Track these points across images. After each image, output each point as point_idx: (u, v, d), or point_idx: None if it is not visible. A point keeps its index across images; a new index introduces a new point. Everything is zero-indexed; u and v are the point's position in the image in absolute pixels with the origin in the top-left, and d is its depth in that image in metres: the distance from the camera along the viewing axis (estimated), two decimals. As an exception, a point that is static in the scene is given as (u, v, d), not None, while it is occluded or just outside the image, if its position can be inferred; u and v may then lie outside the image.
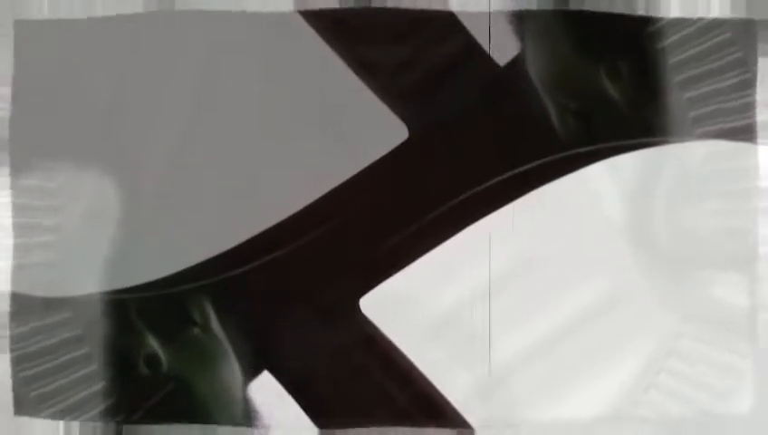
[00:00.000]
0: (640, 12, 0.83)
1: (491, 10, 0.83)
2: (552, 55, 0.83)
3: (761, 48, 0.82)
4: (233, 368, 0.82)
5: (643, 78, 0.82)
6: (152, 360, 0.82)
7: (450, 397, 0.82)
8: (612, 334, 0.82)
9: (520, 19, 0.83)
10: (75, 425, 0.82)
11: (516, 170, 0.82)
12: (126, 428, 0.82)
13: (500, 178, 0.82)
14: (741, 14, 0.83)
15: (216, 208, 0.82)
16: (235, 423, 0.82)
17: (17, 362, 0.82)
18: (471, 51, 0.83)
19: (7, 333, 0.82)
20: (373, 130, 0.83)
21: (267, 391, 0.82)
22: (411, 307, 0.82)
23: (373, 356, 0.82)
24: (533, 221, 0.82)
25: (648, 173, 0.82)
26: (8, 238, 0.83)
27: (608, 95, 0.82)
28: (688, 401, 0.82)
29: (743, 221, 0.82)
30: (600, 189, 0.82)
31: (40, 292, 0.83)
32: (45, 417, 0.82)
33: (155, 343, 0.82)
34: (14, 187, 0.83)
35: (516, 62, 0.83)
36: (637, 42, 0.82)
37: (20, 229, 0.83)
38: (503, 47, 0.83)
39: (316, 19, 0.83)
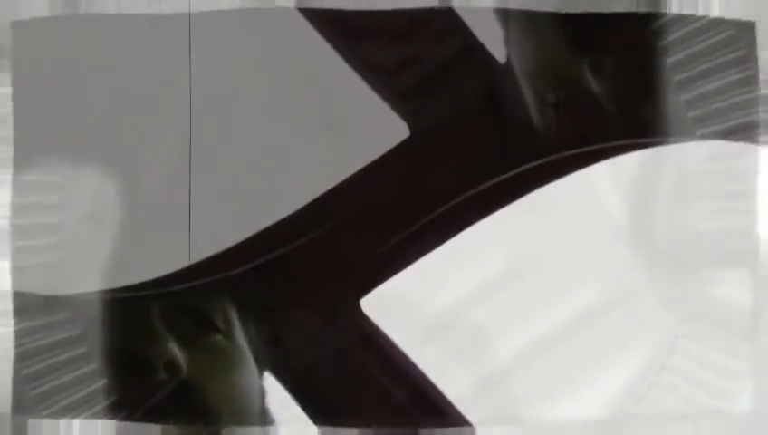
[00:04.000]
0: (642, 9, 0.82)
1: (493, 6, 0.83)
2: (550, 53, 0.83)
3: (761, 46, 0.82)
4: (242, 367, 0.82)
5: (643, 76, 0.82)
6: (164, 359, 0.82)
7: (451, 396, 0.82)
8: (612, 334, 0.82)
9: (519, 16, 0.83)
10: (76, 423, 0.82)
11: (517, 170, 0.82)
12: (127, 426, 0.82)
13: (501, 177, 0.82)
14: (741, 14, 0.82)
15: (215, 206, 0.82)
16: (241, 422, 0.82)
17: (18, 361, 0.82)
18: (471, 48, 0.83)
19: (10, 330, 0.82)
20: (374, 128, 0.83)
21: (268, 392, 0.82)
22: (412, 307, 0.82)
23: (374, 356, 0.82)
24: (534, 221, 0.82)
25: (649, 173, 0.82)
26: (9, 237, 0.83)
27: (609, 94, 0.82)
28: (689, 401, 0.82)
29: (743, 221, 0.82)
30: (601, 189, 0.82)
31: (41, 290, 0.83)
32: (45, 416, 0.82)
33: (164, 342, 0.82)
34: (15, 185, 0.83)
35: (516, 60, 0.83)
36: (638, 39, 0.82)
37: (21, 227, 0.83)
38: (504, 44, 0.83)
39: (316, 17, 0.83)
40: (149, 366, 0.82)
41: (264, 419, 0.82)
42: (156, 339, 0.82)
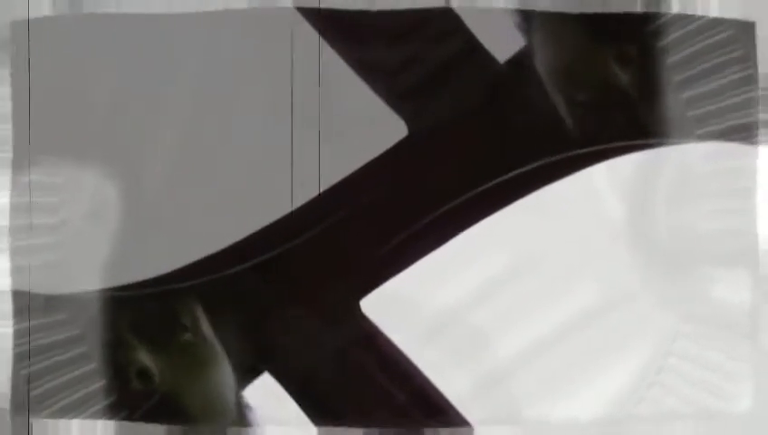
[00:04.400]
0: (640, 10, 0.82)
1: (492, 7, 0.83)
2: (555, 53, 0.83)
3: (760, 46, 0.82)
4: (227, 370, 0.82)
5: (643, 76, 0.82)
6: (144, 372, 0.82)
7: (450, 396, 0.82)
8: (612, 334, 0.82)
9: (523, 17, 0.83)
10: (75, 423, 0.82)
11: (517, 171, 0.82)
12: (126, 426, 0.82)
13: (501, 178, 0.82)
14: (740, 14, 0.83)
15: (215, 206, 0.82)
16: (233, 423, 0.82)
17: (17, 361, 0.82)
18: (471, 48, 0.83)
19: (10, 331, 0.82)
20: (373, 128, 0.83)
21: (267, 392, 0.82)
22: (412, 307, 0.82)
23: (373, 356, 0.82)
24: (534, 221, 0.82)
25: (648, 173, 0.82)
26: (8, 237, 0.83)
27: (608, 94, 0.82)
28: (688, 401, 0.82)
29: (743, 221, 0.82)
30: (601, 189, 0.82)
31: (41, 289, 0.83)
32: (44, 416, 0.82)
33: (146, 354, 0.82)
34: (14, 185, 0.83)
35: (517, 60, 0.83)
36: (637, 40, 0.82)
37: (20, 228, 0.83)
38: (503, 44, 0.83)
39: (315, 16, 0.83)
40: (128, 368, 0.82)
41: (246, 420, 0.82)
42: (136, 349, 0.82)
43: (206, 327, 0.82)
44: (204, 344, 0.82)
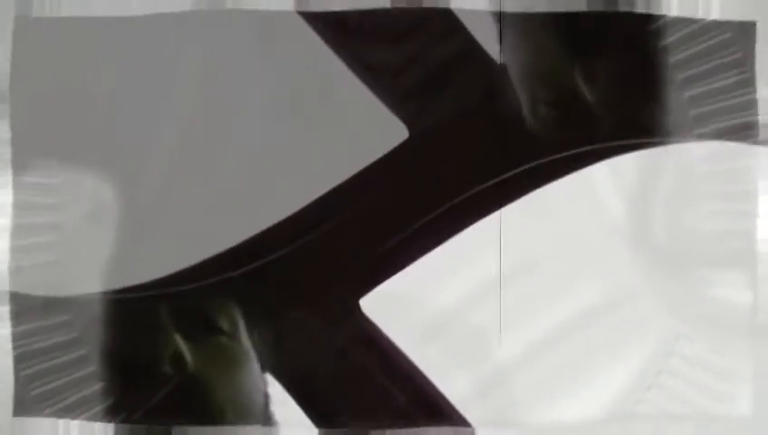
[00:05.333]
0: (640, 11, 0.83)
1: (490, 9, 0.83)
2: (548, 54, 0.83)
3: (759, 48, 0.83)
4: (247, 367, 0.82)
5: (643, 77, 0.82)
6: (168, 359, 0.82)
7: (450, 396, 0.82)
8: (613, 335, 0.82)
9: (518, 17, 0.83)
10: (75, 424, 0.82)
11: (516, 170, 0.82)
12: (126, 427, 0.82)
13: (500, 178, 0.82)
14: (740, 15, 0.83)
15: (215, 208, 0.82)
16: (243, 422, 0.82)
17: (18, 362, 0.82)
18: (470, 49, 0.83)
19: (8, 332, 0.82)
20: (373, 130, 0.83)
21: (271, 391, 0.82)
22: (412, 307, 0.82)
23: (374, 356, 0.82)
24: (534, 221, 0.82)
25: (648, 173, 0.83)
26: (8, 238, 0.83)
27: (607, 94, 0.82)
28: (688, 402, 0.82)
29: (742, 222, 0.82)
30: (601, 190, 0.82)
31: (40, 291, 0.82)
32: (45, 416, 0.82)
33: (167, 342, 0.82)
34: (14, 186, 0.83)
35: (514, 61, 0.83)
36: (637, 40, 0.82)
37: (20, 229, 0.83)
38: (502, 45, 0.83)
39: (315, 19, 0.83)
40: (152, 366, 0.82)
41: (267, 418, 0.82)
42: (159, 339, 0.82)
43: (236, 327, 0.82)
44: (212, 341, 0.82)
